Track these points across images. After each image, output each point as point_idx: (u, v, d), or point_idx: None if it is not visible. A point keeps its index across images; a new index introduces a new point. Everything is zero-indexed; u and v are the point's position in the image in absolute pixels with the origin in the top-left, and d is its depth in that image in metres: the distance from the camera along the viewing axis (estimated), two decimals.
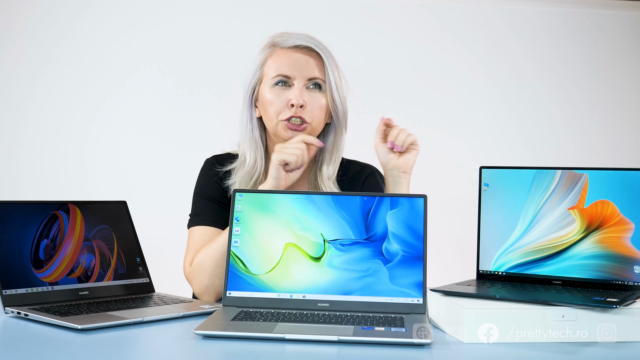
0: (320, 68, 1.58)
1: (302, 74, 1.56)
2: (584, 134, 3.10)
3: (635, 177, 1.27)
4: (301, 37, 1.58)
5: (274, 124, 1.57)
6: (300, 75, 1.56)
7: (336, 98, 1.58)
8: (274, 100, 1.55)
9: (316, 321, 1.17)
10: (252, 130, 1.63)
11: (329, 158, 1.63)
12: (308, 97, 1.55)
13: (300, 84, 1.55)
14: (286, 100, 1.55)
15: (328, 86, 1.57)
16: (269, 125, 1.59)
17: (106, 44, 2.89)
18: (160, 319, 1.25)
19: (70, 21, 2.88)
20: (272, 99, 1.56)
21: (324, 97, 1.58)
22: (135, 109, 2.91)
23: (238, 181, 1.60)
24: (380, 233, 1.30)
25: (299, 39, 1.57)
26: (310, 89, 1.57)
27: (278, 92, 1.56)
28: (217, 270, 1.47)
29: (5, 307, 1.28)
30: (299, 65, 1.56)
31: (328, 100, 1.58)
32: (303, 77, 1.56)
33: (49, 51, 2.87)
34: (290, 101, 1.54)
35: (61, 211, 1.41)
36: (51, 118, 2.86)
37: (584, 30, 3.12)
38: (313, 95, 1.56)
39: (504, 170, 1.39)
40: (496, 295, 1.19)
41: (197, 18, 2.95)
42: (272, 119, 1.57)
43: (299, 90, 1.54)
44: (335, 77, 1.58)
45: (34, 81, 2.85)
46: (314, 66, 1.57)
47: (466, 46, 3.05)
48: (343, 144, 1.65)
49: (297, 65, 1.56)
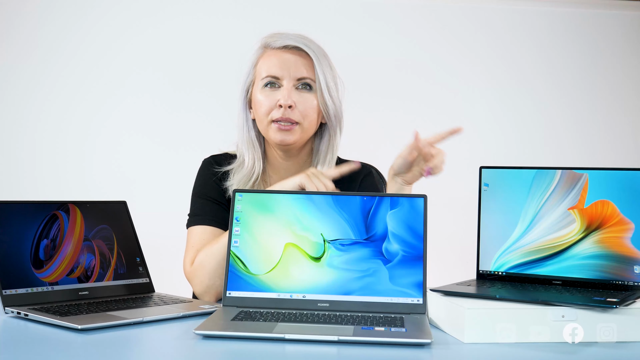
0: (310, 68, 1.56)
1: (291, 74, 1.55)
2: (584, 134, 3.10)
3: (635, 177, 1.27)
4: (291, 37, 1.57)
5: (265, 125, 1.57)
6: (289, 76, 1.55)
7: (327, 99, 1.57)
8: (264, 101, 1.55)
9: (316, 321, 1.17)
10: (249, 131, 1.63)
11: (323, 159, 1.63)
12: (297, 97, 1.55)
13: (289, 85, 1.55)
14: (275, 101, 1.54)
15: (318, 86, 1.56)
16: (260, 126, 1.59)
17: (105, 44, 2.89)
18: (160, 319, 1.25)
19: (70, 22, 2.88)
20: (262, 100, 1.56)
21: (314, 97, 1.57)
22: (134, 109, 2.91)
23: (236, 183, 1.60)
24: (380, 233, 1.30)
25: (288, 39, 1.57)
26: (299, 89, 1.56)
27: (268, 93, 1.56)
28: (219, 271, 1.47)
29: (5, 307, 1.28)
30: (287, 66, 1.55)
31: (319, 100, 1.57)
32: (292, 78, 1.55)
33: (48, 51, 2.87)
34: (278, 101, 1.54)
35: (61, 211, 1.41)
36: (51, 118, 2.86)
37: (584, 30, 3.12)
38: (303, 96, 1.56)
39: (504, 170, 1.39)
40: (496, 295, 1.19)
41: (197, 18, 2.94)
42: (262, 120, 1.57)
43: (287, 91, 1.54)
44: (326, 78, 1.56)
45: (33, 81, 2.86)
46: (303, 66, 1.56)
47: (466, 46, 3.05)
48: (337, 144, 1.65)
49: (286, 65, 1.55)
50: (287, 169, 1.64)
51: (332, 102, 1.58)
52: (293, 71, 1.55)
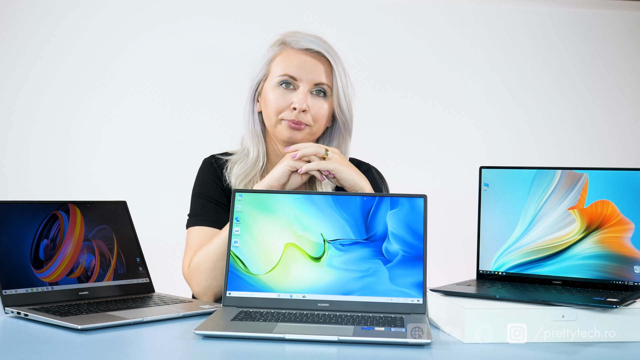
0: (329, 74, 1.56)
1: (309, 78, 1.54)
2: (584, 134, 3.10)
3: (635, 177, 1.27)
4: (313, 40, 1.57)
5: (273, 122, 1.56)
6: (307, 79, 1.54)
7: (343, 105, 1.57)
8: (277, 100, 1.55)
9: (316, 321, 1.17)
10: (254, 124, 1.63)
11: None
12: (311, 102, 1.54)
13: (305, 88, 1.54)
14: (289, 102, 1.54)
15: (335, 93, 1.56)
16: (268, 122, 1.59)
17: (107, 45, 2.89)
18: (160, 319, 1.25)
19: (81, 25, 2.88)
20: (275, 98, 1.55)
21: (327, 104, 1.57)
22: (135, 109, 2.91)
23: (238, 173, 1.59)
24: (380, 233, 1.30)
25: (310, 42, 1.56)
26: (314, 94, 1.56)
27: (282, 92, 1.55)
28: (215, 272, 1.46)
29: (5, 307, 1.28)
30: (307, 69, 1.55)
31: (334, 107, 1.57)
32: (309, 82, 1.55)
33: (48, 52, 2.87)
34: (293, 104, 1.53)
35: (61, 211, 1.41)
36: (50, 119, 2.86)
37: (584, 30, 3.12)
38: (316, 101, 1.55)
39: (504, 170, 1.39)
40: (496, 295, 1.19)
41: (199, 19, 2.95)
42: (272, 117, 1.56)
43: (303, 95, 1.54)
44: (342, 84, 1.56)
45: (28, 81, 2.86)
46: (322, 72, 1.56)
47: (467, 46, 3.05)
48: (347, 150, 1.65)
49: (305, 68, 1.55)
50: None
51: (347, 109, 1.59)
52: (312, 75, 1.54)
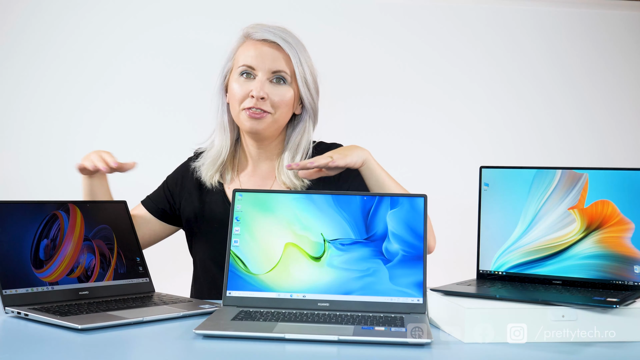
0: (288, 62, 1.60)
1: (266, 67, 1.58)
2: (584, 134, 3.10)
3: (635, 177, 1.27)
4: (271, 30, 1.60)
5: (237, 112, 1.61)
6: (264, 68, 1.58)
7: (303, 91, 1.61)
8: (238, 90, 1.59)
9: (316, 321, 1.17)
10: (222, 115, 1.68)
11: (296, 148, 1.65)
12: (270, 89, 1.58)
13: (263, 77, 1.58)
14: (248, 91, 1.58)
15: (297, 79, 1.60)
16: (233, 113, 1.63)
17: (107, 45, 2.89)
18: (160, 319, 1.25)
19: (80, 26, 2.87)
20: (236, 88, 1.60)
21: (289, 91, 1.60)
22: (135, 109, 2.91)
23: (206, 163, 1.67)
24: (380, 233, 1.30)
25: (267, 33, 1.60)
26: (273, 82, 1.59)
27: (242, 82, 1.60)
28: None
29: (5, 307, 1.28)
30: (263, 58, 1.59)
31: (302, 93, 1.61)
32: (267, 70, 1.58)
33: (48, 52, 2.87)
34: (251, 92, 1.57)
35: (61, 211, 1.41)
36: (50, 118, 2.86)
37: (585, 30, 3.12)
38: (276, 88, 1.59)
39: (504, 170, 1.39)
40: (496, 295, 1.19)
41: (199, 19, 2.95)
42: (235, 107, 1.61)
43: (260, 83, 1.57)
44: (304, 71, 1.60)
45: (27, 81, 2.85)
46: (280, 59, 1.59)
47: (466, 46, 3.05)
48: (309, 137, 1.67)
49: (262, 57, 1.59)
50: (259, 157, 1.67)
51: (310, 95, 1.63)
52: (268, 64, 1.58)
